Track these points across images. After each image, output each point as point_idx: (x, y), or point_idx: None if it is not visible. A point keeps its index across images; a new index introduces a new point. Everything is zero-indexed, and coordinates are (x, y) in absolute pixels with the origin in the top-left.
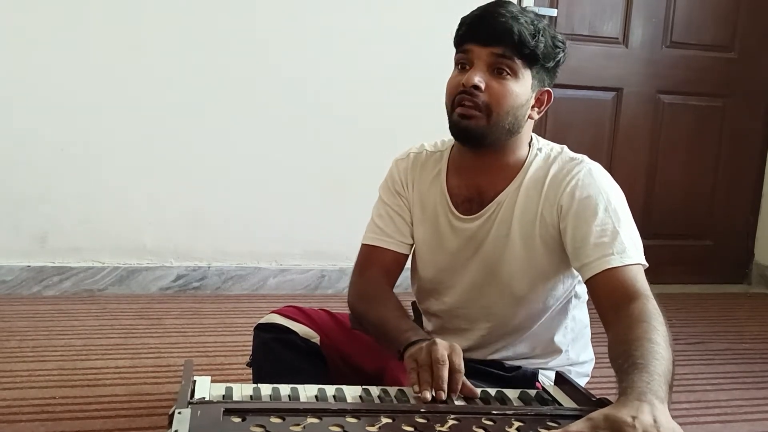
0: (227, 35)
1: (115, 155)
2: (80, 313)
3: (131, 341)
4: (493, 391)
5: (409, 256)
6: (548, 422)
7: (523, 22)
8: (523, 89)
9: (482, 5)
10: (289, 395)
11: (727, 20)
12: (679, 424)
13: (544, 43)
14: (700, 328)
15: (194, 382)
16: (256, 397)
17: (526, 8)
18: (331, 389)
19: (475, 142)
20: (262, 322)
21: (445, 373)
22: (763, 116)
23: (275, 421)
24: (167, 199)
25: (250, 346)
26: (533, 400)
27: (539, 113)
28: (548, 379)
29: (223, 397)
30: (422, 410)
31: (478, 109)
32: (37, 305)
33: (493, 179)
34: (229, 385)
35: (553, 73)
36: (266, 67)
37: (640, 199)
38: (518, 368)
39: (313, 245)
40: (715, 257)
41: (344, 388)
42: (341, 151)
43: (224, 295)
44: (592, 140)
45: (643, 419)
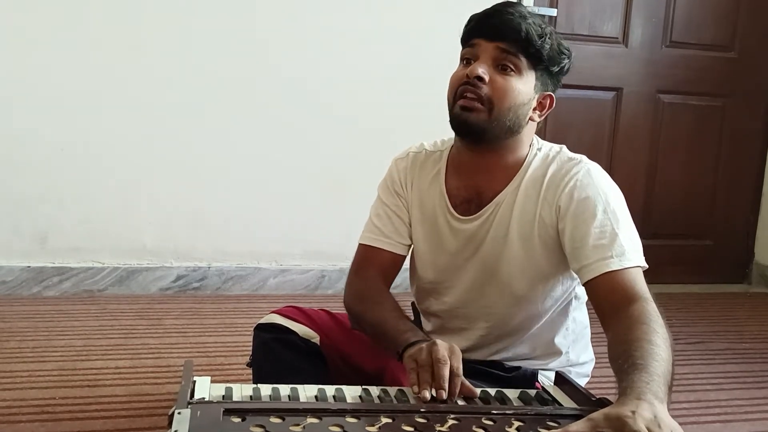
0: (227, 35)
1: (115, 155)
2: (80, 313)
3: (131, 342)
4: (492, 391)
5: (406, 257)
6: (548, 422)
7: (531, 22)
8: (525, 88)
9: (493, 5)
10: (288, 395)
11: (727, 20)
12: (679, 423)
13: (550, 45)
14: (700, 327)
15: (194, 382)
16: (255, 397)
17: (535, 13)
18: (330, 389)
19: (474, 136)
20: (262, 322)
21: (446, 372)
22: (763, 116)
23: (275, 421)
24: (167, 199)
25: (250, 346)
26: (533, 400)
27: (540, 117)
28: (548, 379)
29: (222, 397)
30: (422, 410)
31: (480, 101)
32: (37, 306)
33: (491, 179)
34: (228, 385)
35: (557, 78)
36: (266, 67)
37: (640, 198)
38: (518, 368)
39: (313, 245)
40: (715, 257)
41: (344, 388)
42: (341, 151)
43: (224, 295)
44: (592, 140)
45: (643, 414)
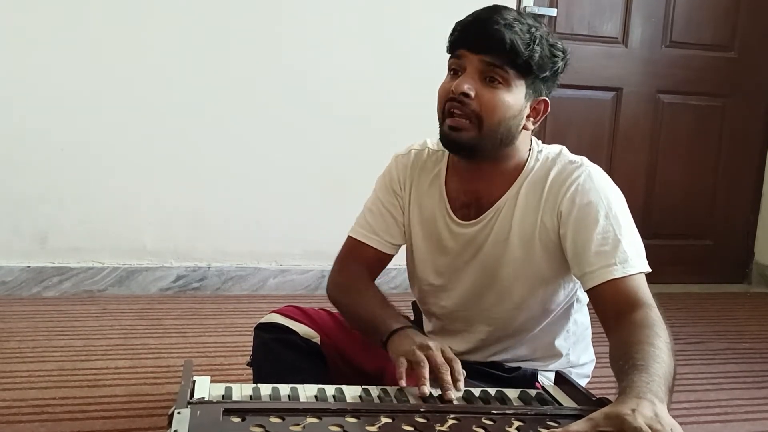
0: (227, 35)
1: (115, 155)
2: (80, 313)
3: (131, 342)
4: (493, 390)
5: (393, 256)
6: (548, 422)
7: (518, 30)
8: (515, 99)
9: (478, 10)
10: (288, 395)
11: (726, 19)
12: (679, 423)
13: (539, 52)
14: (700, 327)
15: (194, 382)
16: (255, 397)
17: (524, 13)
18: (330, 389)
19: (466, 153)
20: (262, 321)
21: (449, 376)
22: (763, 116)
23: (275, 420)
24: (167, 199)
25: (250, 346)
26: (533, 399)
27: (535, 123)
28: (548, 379)
29: (222, 397)
30: (422, 410)
31: (468, 118)
32: (37, 306)
33: (491, 185)
34: (228, 385)
35: (551, 82)
36: (266, 67)
37: (640, 199)
38: (518, 369)
39: (313, 245)
40: (715, 257)
41: (344, 388)
42: (341, 151)
43: (224, 295)
44: (591, 140)
45: (643, 412)
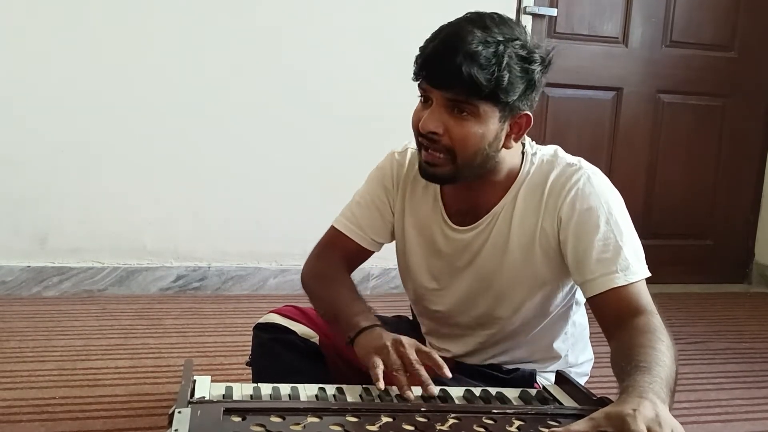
0: (227, 35)
1: (115, 156)
2: (80, 313)
3: (131, 342)
4: (493, 390)
5: (375, 252)
6: (549, 421)
7: (481, 58)
8: (488, 128)
9: (441, 33)
10: (289, 395)
11: (726, 19)
12: (679, 423)
13: (508, 77)
14: (700, 327)
15: (194, 381)
16: (256, 396)
17: (494, 22)
18: (331, 389)
19: (446, 183)
20: (261, 321)
21: (424, 371)
22: (763, 116)
23: (275, 420)
24: (167, 199)
25: (250, 346)
26: (534, 399)
27: (517, 139)
28: (547, 380)
29: (223, 396)
30: (423, 409)
31: (441, 152)
32: (37, 306)
33: (486, 193)
34: (229, 384)
35: (530, 95)
36: (266, 67)
37: (640, 198)
38: (516, 370)
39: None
40: (715, 257)
41: (344, 387)
42: (341, 151)
43: (224, 295)
44: (592, 140)
45: (644, 412)
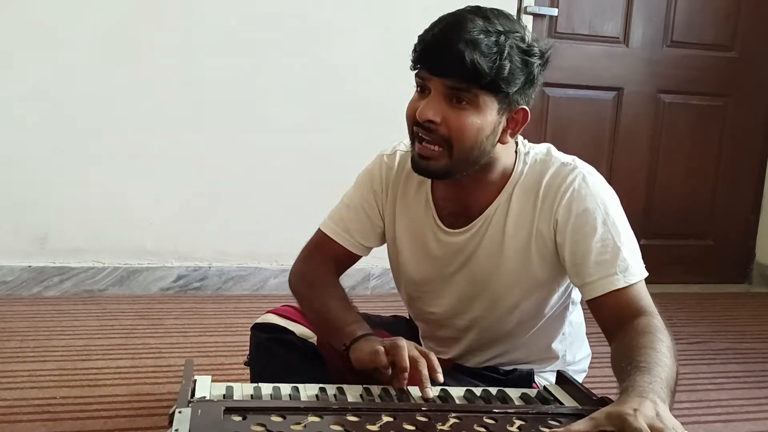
0: (227, 36)
1: (115, 155)
2: (81, 313)
3: (132, 342)
4: (494, 390)
5: (362, 257)
6: (549, 421)
7: (483, 46)
8: (486, 119)
9: (442, 21)
10: (289, 394)
11: (728, 19)
12: (680, 423)
13: (509, 66)
14: (701, 327)
15: (195, 381)
16: (256, 396)
17: (494, 14)
18: (331, 388)
19: (438, 179)
20: (258, 321)
21: (425, 370)
22: (764, 115)
23: (276, 419)
24: (168, 199)
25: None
26: (534, 399)
27: (513, 135)
28: (545, 380)
29: (223, 396)
30: (423, 408)
31: (437, 144)
32: (37, 306)
33: (478, 193)
34: (229, 384)
35: (528, 89)
36: (266, 67)
37: (640, 199)
38: (513, 370)
39: None
40: (716, 257)
41: (345, 387)
42: (341, 150)
43: (225, 295)
44: (592, 140)
45: (645, 411)
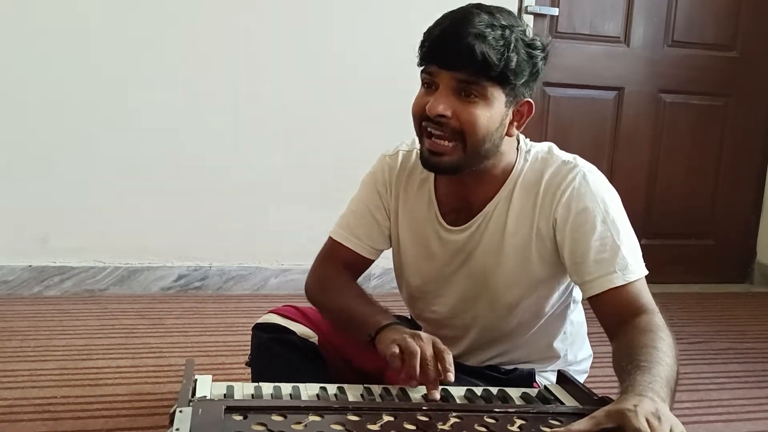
0: (227, 36)
1: (116, 155)
2: (81, 313)
3: (132, 341)
4: (495, 389)
5: (374, 261)
6: (550, 420)
7: (490, 39)
8: (495, 111)
9: (448, 17)
10: (290, 394)
11: (728, 19)
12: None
13: (516, 59)
14: (702, 327)
15: (195, 380)
16: (257, 395)
17: (497, 10)
18: (332, 388)
19: (449, 174)
20: (260, 321)
21: (434, 373)
22: (765, 115)
23: (277, 419)
24: (168, 198)
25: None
26: (535, 398)
27: (519, 128)
28: (546, 379)
29: (224, 395)
30: (424, 408)
31: (449, 139)
32: (38, 305)
33: (480, 190)
34: (230, 384)
35: (532, 83)
36: (266, 67)
37: (641, 198)
38: (514, 370)
39: (314, 245)
40: (716, 257)
41: (346, 386)
42: (342, 150)
43: (225, 295)
44: (593, 140)
45: (645, 408)
